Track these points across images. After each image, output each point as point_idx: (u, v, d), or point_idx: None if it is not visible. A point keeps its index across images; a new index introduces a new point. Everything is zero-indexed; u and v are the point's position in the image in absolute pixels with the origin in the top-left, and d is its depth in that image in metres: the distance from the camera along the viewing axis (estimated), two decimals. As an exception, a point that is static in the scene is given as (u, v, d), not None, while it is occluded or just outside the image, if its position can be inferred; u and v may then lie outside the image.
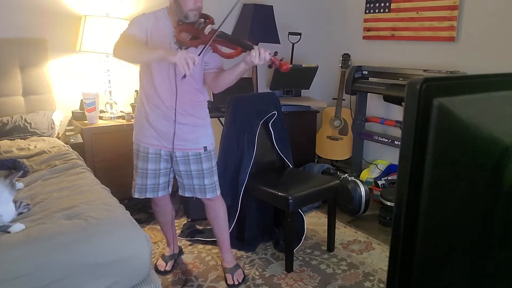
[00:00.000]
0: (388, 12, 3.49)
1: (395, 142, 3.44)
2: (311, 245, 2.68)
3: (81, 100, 2.99)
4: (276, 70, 3.54)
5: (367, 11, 3.68)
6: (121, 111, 3.16)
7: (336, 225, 2.67)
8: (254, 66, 3.62)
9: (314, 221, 3.02)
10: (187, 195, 2.22)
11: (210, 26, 1.88)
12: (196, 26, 1.90)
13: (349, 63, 3.78)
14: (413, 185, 0.56)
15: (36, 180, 2.05)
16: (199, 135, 2.11)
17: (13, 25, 2.86)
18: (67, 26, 3.03)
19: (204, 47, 1.84)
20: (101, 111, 3.09)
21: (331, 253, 2.58)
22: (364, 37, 3.75)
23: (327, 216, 2.61)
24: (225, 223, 2.31)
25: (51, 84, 2.99)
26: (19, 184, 1.95)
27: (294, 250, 2.53)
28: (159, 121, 2.06)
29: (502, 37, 2.81)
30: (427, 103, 0.54)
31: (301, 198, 2.35)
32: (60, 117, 2.96)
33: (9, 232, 1.49)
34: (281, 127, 2.75)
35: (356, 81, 3.53)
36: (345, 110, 3.81)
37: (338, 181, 2.58)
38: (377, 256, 2.55)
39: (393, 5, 3.44)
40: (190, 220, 2.96)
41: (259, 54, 1.80)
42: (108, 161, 2.88)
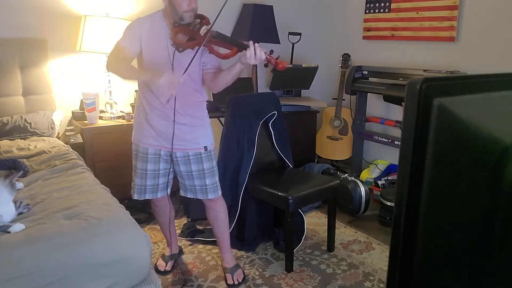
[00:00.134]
0: (388, 12, 3.49)
1: (395, 142, 3.44)
2: (311, 245, 2.68)
3: (81, 100, 2.99)
4: (276, 70, 3.54)
5: (367, 11, 3.68)
6: (121, 111, 3.16)
7: (336, 225, 2.67)
8: (254, 66, 3.62)
9: (314, 221, 3.02)
10: (189, 196, 2.22)
11: (206, 27, 1.87)
12: (192, 27, 1.90)
13: (349, 63, 3.78)
14: (413, 185, 0.56)
15: (36, 180, 2.05)
16: (198, 135, 2.11)
17: (13, 25, 2.86)
18: (67, 26, 3.03)
19: (198, 48, 1.84)
20: (101, 111, 3.09)
21: (331, 253, 2.58)
22: (364, 37, 3.75)
23: (327, 216, 2.61)
24: (226, 224, 2.31)
25: (51, 84, 2.99)
26: (19, 184, 1.95)
27: (294, 250, 2.53)
28: (158, 121, 2.06)
29: (502, 37, 2.81)
30: (427, 103, 0.54)
31: (301, 198, 2.35)
32: (60, 117, 2.96)
33: (9, 232, 1.49)
34: (281, 127, 2.75)
35: (356, 81, 3.53)
36: (345, 110, 3.81)
37: (338, 181, 2.58)
38: (377, 256, 2.55)
39: (393, 5, 3.44)
40: (190, 220, 2.96)
41: (254, 54, 1.80)
42: (108, 161, 2.88)
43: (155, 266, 2.38)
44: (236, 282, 2.24)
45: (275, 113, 2.70)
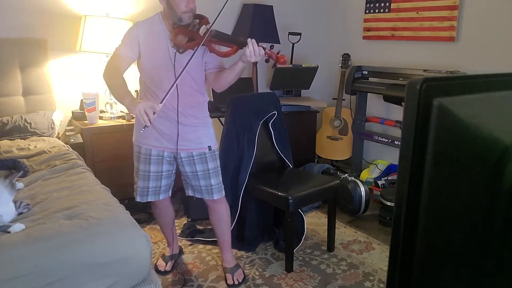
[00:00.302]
0: (388, 12, 3.49)
1: (395, 142, 3.44)
2: (311, 245, 2.68)
3: (81, 100, 2.99)
4: (276, 70, 3.55)
5: (367, 11, 3.68)
6: (121, 111, 3.16)
7: (336, 225, 2.67)
8: (254, 66, 3.62)
9: (314, 221, 3.02)
10: (197, 196, 2.22)
11: (205, 27, 1.87)
12: (191, 28, 1.90)
13: (349, 63, 3.78)
14: (413, 185, 0.56)
15: (36, 180, 2.05)
16: (200, 135, 2.11)
17: (13, 25, 2.86)
18: (67, 26, 3.03)
19: (196, 48, 1.84)
20: (101, 111, 3.09)
21: (331, 253, 2.58)
22: (364, 37, 3.75)
23: (327, 216, 2.61)
24: (228, 225, 2.31)
25: (51, 84, 2.99)
26: (19, 184, 1.95)
27: (294, 250, 2.53)
28: (162, 123, 2.05)
29: (502, 37, 2.81)
30: (427, 103, 0.54)
31: (301, 198, 2.35)
32: (60, 117, 2.96)
33: (9, 232, 1.49)
34: (281, 127, 2.75)
35: (356, 81, 3.53)
36: (345, 110, 3.81)
37: (338, 181, 2.58)
38: (377, 256, 2.55)
39: (393, 5, 3.44)
40: (191, 220, 2.96)
41: (254, 51, 1.80)
42: (108, 161, 2.88)
43: (155, 266, 2.38)
44: (236, 282, 2.24)
45: (275, 113, 2.70)
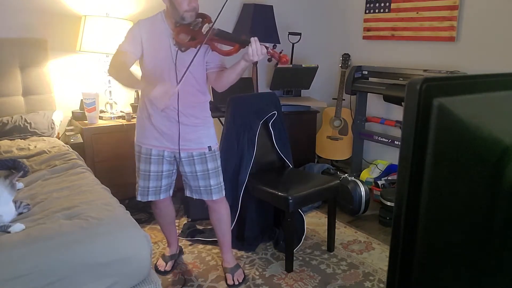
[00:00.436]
0: (388, 12, 3.49)
1: (395, 142, 3.44)
2: (311, 245, 2.68)
3: (81, 100, 2.99)
4: (276, 70, 3.55)
5: (367, 11, 3.68)
6: (121, 111, 3.16)
7: (336, 225, 2.67)
8: (254, 66, 3.62)
9: (314, 221, 3.02)
10: (195, 197, 2.21)
11: (207, 25, 1.87)
12: (193, 27, 1.90)
13: (349, 63, 3.78)
14: (413, 185, 0.56)
15: (36, 180, 2.05)
16: (201, 135, 2.11)
17: (13, 25, 2.86)
18: (67, 26, 3.03)
19: (200, 46, 1.84)
20: (101, 111, 3.09)
21: (331, 253, 2.58)
22: (364, 37, 3.75)
23: (327, 216, 2.61)
24: (228, 226, 2.31)
25: (51, 84, 2.99)
26: (19, 184, 1.95)
27: (294, 250, 2.53)
28: (162, 122, 2.05)
29: (502, 37, 2.81)
30: (427, 103, 0.54)
31: (301, 198, 2.35)
32: (60, 117, 2.96)
33: (9, 232, 1.49)
34: (281, 127, 2.75)
35: (356, 81, 3.53)
36: (345, 110, 3.81)
37: (338, 181, 2.58)
38: (377, 256, 2.55)
39: (393, 5, 3.44)
40: (191, 220, 2.96)
41: (256, 50, 1.80)
42: (108, 161, 2.88)
43: (155, 266, 2.38)
44: (237, 283, 2.24)
45: (275, 113, 2.70)
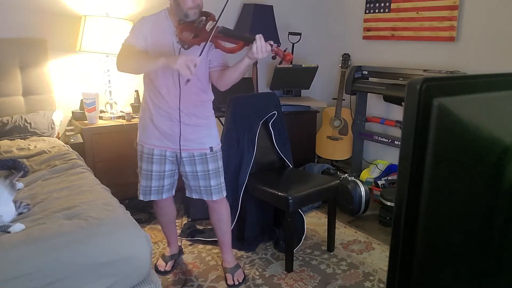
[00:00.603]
0: (388, 12, 3.49)
1: (395, 142, 3.44)
2: (311, 245, 2.68)
3: (81, 100, 2.99)
4: (276, 70, 3.55)
5: (367, 11, 3.68)
6: (121, 111, 3.16)
7: (336, 225, 2.67)
8: (254, 66, 3.62)
9: (314, 221, 3.02)
10: (194, 197, 2.21)
11: (211, 23, 1.87)
12: (197, 24, 1.89)
13: (349, 63, 3.78)
14: (413, 185, 0.56)
15: (36, 180, 2.05)
16: (202, 135, 2.09)
17: (13, 25, 2.86)
18: (67, 26, 3.03)
19: (205, 44, 1.84)
20: (101, 111, 3.09)
21: (331, 253, 2.58)
22: (364, 37, 3.75)
23: (327, 216, 2.61)
24: (228, 225, 2.30)
25: (51, 84, 2.99)
26: (19, 184, 1.95)
27: (294, 250, 2.53)
28: (164, 122, 2.04)
29: (502, 37, 2.81)
30: (427, 103, 0.54)
31: (301, 198, 2.35)
32: (60, 117, 2.96)
33: (9, 232, 1.49)
34: (281, 127, 2.75)
35: (356, 81, 3.53)
36: (345, 110, 3.81)
37: (338, 181, 2.58)
38: (377, 256, 2.55)
39: (393, 5, 3.44)
40: (191, 220, 2.96)
41: (261, 47, 1.78)
42: (108, 161, 2.88)
43: (155, 266, 2.38)
44: (237, 283, 2.24)
45: (275, 113, 2.70)
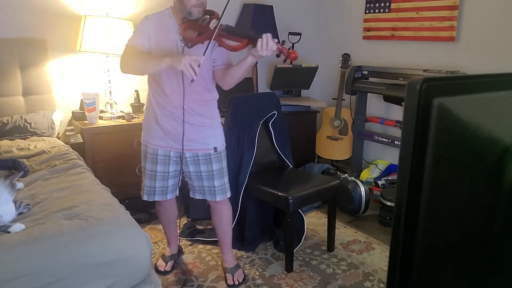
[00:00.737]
0: (388, 12, 3.49)
1: (395, 142, 3.44)
2: (311, 245, 2.68)
3: (81, 100, 2.99)
4: (276, 70, 3.55)
5: (367, 11, 3.68)
6: (121, 111, 3.16)
7: (336, 225, 2.67)
8: (254, 66, 3.62)
9: (314, 221, 3.02)
10: (197, 197, 2.20)
11: (215, 21, 1.86)
12: (201, 22, 1.89)
13: (349, 63, 3.78)
14: (413, 185, 0.56)
15: (36, 180, 2.05)
16: (207, 135, 2.08)
17: (13, 25, 2.86)
18: (67, 26, 3.03)
19: (209, 42, 1.83)
20: (101, 111, 3.09)
21: (331, 253, 2.58)
22: (364, 37, 3.75)
23: (327, 216, 2.61)
24: (229, 226, 2.30)
25: (51, 84, 2.99)
26: (19, 184, 1.95)
27: (294, 250, 2.53)
28: (168, 122, 2.04)
29: (502, 37, 2.81)
30: (427, 103, 0.54)
31: (301, 198, 2.35)
32: (60, 117, 2.96)
33: (9, 232, 1.49)
34: (281, 127, 2.75)
35: (356, 81, 3.53)
36: (345, 110, 3.81)
37: (338, 181, 2.58)
38: (377, 256, 2.55)
39: (393, 5, 3.44)
40: (191, 220, 2.96)
41: (266, 44, 1.75)
42: (108, 161, 2.88)
43: (155, 266, 2.38)
44: (237, 283, 2.24)
45: (275, 113, 2.70)
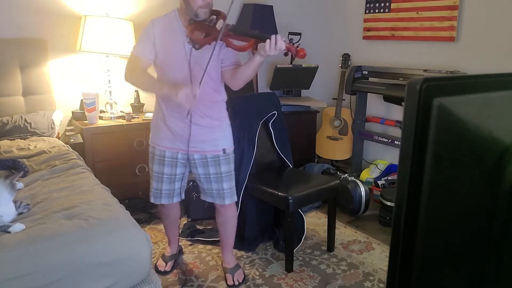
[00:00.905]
0: (388, 12, 3.49)
1: (395, 142, 3.44)
2: (311, 245, 2.68)
3: (81, 100, 2.99)
4: (276, 70, 3.55)
5: (367, 11, 3.68)
6: (121, 111, 3.16)
7: (336, 225, 2.67)
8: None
9: (314, 221, 3.02)
10: (208, 200, 2.20)
11: (222, 21, 1.85)
12: (208, 23, 1.88)
13: (349, 63, 3.78)
14: (413, 185, 0.56)
15: (36, 180, 2.05)
16: (216, 137, 2.08)
17: (13, 25, 2.86)
18: (67, 26, 3.03)
19: (216, 43, 1.82)
20: (101, 111, 3.09)
21: (331, 253, 2.58)
22: (364, 37, 3.75)
23: (327, 216, 2.61)
24: (233, 229, 2.29)
25: (51, 84, 2.99)
26: (19, 184, 1.95)
27: (294, 250, 2.53)
28: (176, 123, 2.03)
29: (502, 37, 2.81)
30: (427, 103, 0.54)
31: (301, 198, 2.35)
32: (60, 117, 2.97)
33: (9, 232, 1.49)
34: (281, 127, 2.75)
35: (356, 81, 3.53)
36: (345, 110, 3.81)
37: (338, 181, 2.58)
38: (377, 256, 2.55)
39: (393, 5, 3.44)
40: (190, 220, 2.96)
41: (275, 44, 1.75)
42: (108, 161, 2.88)
43: (155, 266, 2.38)
44: (237, 283, 2.23)
45: (275, 113, 2.70)
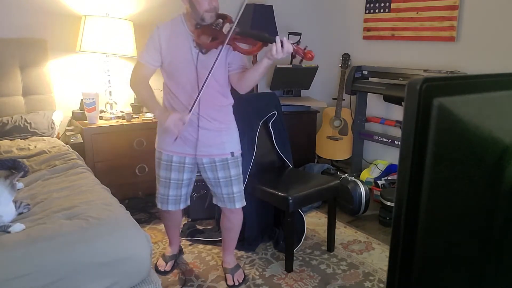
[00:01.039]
0: (388, 12, 3.49)
1: (395, 142, 3.44)
2: (311, 245, 2.68)
3: (81, 100, 2.99)
4: (276, 70, 3.55)
5: (367, 11, 3.68)
6: (121, 111, 3.16)
7: (336, 225, 2.67)
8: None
9: (314, 221, 3.02)
10: (220, 205, 2.19)
11: (229, 25, 1.84)
12: (214, 27, 1.87)
13: (349, 63, 3.78)
14: (413, 185, 0.56)
15: (36, 180, 2.05)
16: (224, 140, 2.07)
17: (13, 25, 2.86)
18: (67, 26, 3.03)
19: (222, 47, 1.82)
20: (101, 111, 3.09)
21: (331, 253, 2.58)
22: (364, 37, 3.75)
23: (327, 216, 2.61)
24: (237, 233, 2.29)
25: (51, 84, 2.99)
26: (19, 184, 1.95)
27: (294, 250, 2.53)
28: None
29: (502, 37, 2.81)
30: (427, 103, 0.54)
31: (301, 198, 2.35)
32: (60, 117, 2.97)
33: (9, 232, 1.49)
34: (281, 127, 2.75)
35: (356, 81, 3.53)
36: (345, 110, 3.81)
37: (338, 181, 2.58)
38: (377, 256, 2.55)
39: (393, 5, 3.44)
40: (190, 220, 2.96)
41: (282, 47, 1.73)
42: (108, 161, 2.88)
43: (155, 266, 2.38)
44: (237, 283, 2.23)
45: (275, 113, 2.70)
